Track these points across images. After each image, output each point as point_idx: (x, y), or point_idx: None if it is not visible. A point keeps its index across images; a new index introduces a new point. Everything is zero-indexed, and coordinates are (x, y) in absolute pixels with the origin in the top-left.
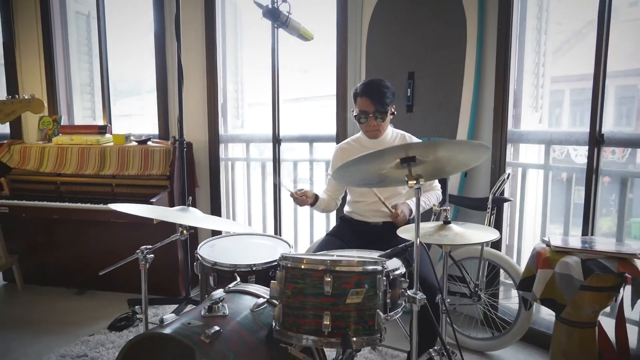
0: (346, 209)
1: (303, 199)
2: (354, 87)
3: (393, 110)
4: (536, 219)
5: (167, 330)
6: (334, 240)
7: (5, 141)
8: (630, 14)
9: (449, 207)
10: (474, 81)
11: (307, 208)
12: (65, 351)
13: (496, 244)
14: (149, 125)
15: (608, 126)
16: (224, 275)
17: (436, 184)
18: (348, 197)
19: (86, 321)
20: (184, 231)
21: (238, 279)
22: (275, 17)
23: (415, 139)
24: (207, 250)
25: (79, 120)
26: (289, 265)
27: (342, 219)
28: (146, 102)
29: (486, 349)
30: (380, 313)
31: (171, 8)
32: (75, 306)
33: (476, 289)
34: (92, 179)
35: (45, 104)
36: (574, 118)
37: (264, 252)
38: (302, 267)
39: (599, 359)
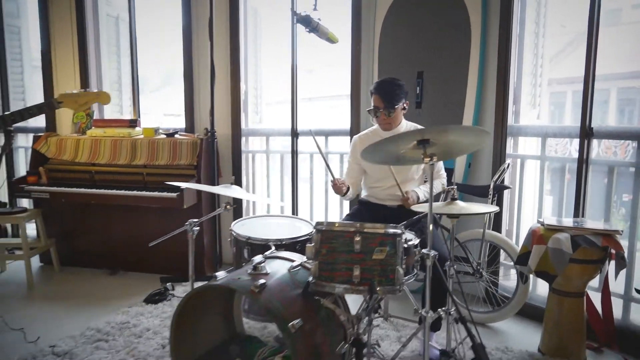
0: (364, 193)
1: (341, 187)
2: (371, 84)
3: (405, 105)
4: (534, 205)
5: (224, 282)
6: (354, 220)
7: (43, 133)
8: (633, 17)
9: (455, 186)
10: (477, 80)
11: (321, 196)
12: (108, 320)
13: (496, 227)
14: (173, 120)
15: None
16: (257, 248)
17: (442, 172)
18: (365, 183)
19: (122, 296)
20: (227, 206)
21: (273, 247)
22: (308, 23)
23: None
24: (240, 228)
25: (107, 115)
26: (324, 229)
27: (360, 202)
28: (170, 98)
29: (487, 321)
30: (400, 269)
31: (197, 12)
32: (110, 284)
33: (478, 267)
34: (124, 168)
35: None
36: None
37: (289, 229)
38: (336, 230)
39: (587, 325)
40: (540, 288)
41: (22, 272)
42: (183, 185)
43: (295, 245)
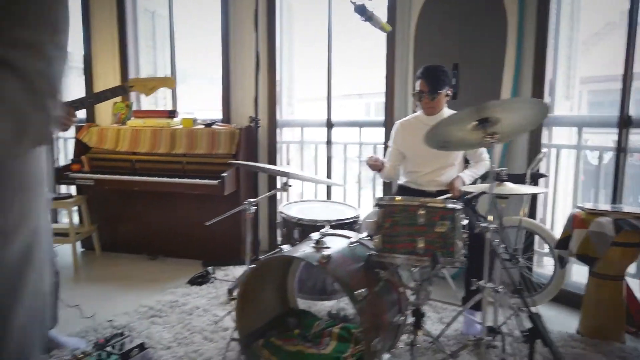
0: (402, 179)
1: (377, 164)
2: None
3: (448, 92)
4: (567, 194)
5: (293, 253)
6: None
7: (85, 124)
8: None
9: (506, 168)
10: (513, 71)
11: (354, 186)
12: (158, 299)
13: (531, 215)
14: (207, 110)
15: None
16: (307, 229)
17: (485, 155)
18: (404, 169)
19: (165, 279)
20: (285, 185)
21: (328, 226)
22: (363, 12)
23: None
24: (289, 211)
25: (144, 107)
26: (386, 204)
27: (400, 187)
28: (205, 90)
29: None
30: (459, 243)
31: (235, 5)
32: (151, 268)
33: (515, 253)
34: (164, 157)
35: None
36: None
37: (334, 212)
38: (399, 204)
39: (626, 308)
40: (574, 275)
41: (66, 256)
42: (253, 165)
43: (343, 226)
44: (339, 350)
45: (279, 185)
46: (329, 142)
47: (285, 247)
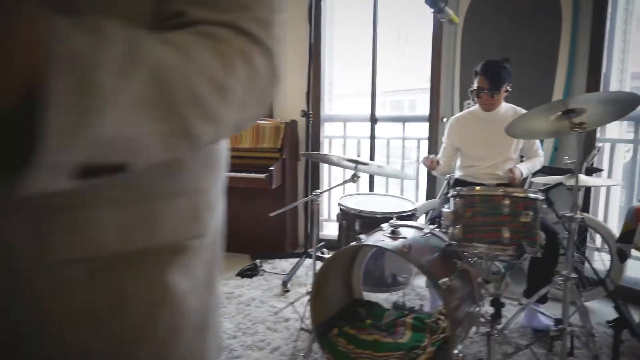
0: (458, 173)
1: (434, 164)
2: (476, 65)
3: (508, 88)
4: (621, 189)
5: (374, 242)
6: None
7: None
8: None
9: (575, 160)
10: (566, 67)
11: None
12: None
13: (584, 210)
14: None
15: None
16: (367, 221)
17: (540, 150)
18: (459, 163)
19: None
20: (355, 177)
21: (395, 217)
22: (435, 4)
23: (523, 111)
24: (348, 203)
25: None
26: (466, 194)
27: (457, 181)
28: None
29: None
30: (541, 233)
31: None
32: None
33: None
34: None
35: None
36: None
37: (391, 205)
38: (481, 194)
39: None
40: (630, 270)
41: None
42: (326, 155)
43: (402, 219)
44: (415, 340)
45: (346, 177)
46: (372, 137)
47: (363, 236)
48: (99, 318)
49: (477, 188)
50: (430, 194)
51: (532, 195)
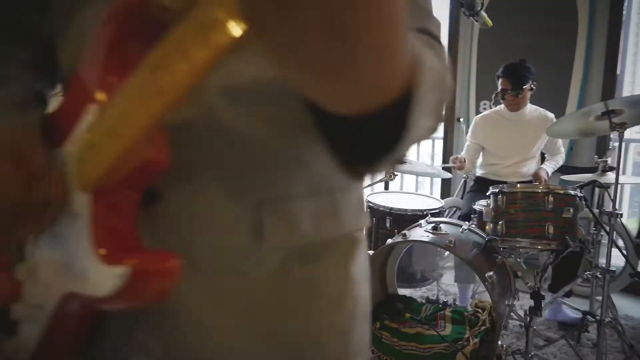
0: (480, 171)
1: (462, 165)
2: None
3: (532, 86)
4: (632, 188)
5: (425, 239)
6: (477, 194)
7: None
8: None
9: (609, 158)
10: (582, 69)
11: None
12: None
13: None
14: None
15: None
16: (398, 217)
17: (562, 149)
18: (480, 161)
19: None
20: (391, 175)
21: (429, 215)
22: (471, 7)
23: (549, 113)
24: (377, 200)
25: None
26: (506, 191)
27: (478, 178)
28: None
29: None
30: (582, 229)
31: None
32: None
33: (585, 243)
34: None
35: None
36: None
37: (419, 203)
38: (524, 190)
39: None
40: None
41: None
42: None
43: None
44: (457, 332)
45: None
46: None
47: (406, 232)
48: (288, 307)
49: (518, 185)
50: (445, 192)
51: (572, 192)
